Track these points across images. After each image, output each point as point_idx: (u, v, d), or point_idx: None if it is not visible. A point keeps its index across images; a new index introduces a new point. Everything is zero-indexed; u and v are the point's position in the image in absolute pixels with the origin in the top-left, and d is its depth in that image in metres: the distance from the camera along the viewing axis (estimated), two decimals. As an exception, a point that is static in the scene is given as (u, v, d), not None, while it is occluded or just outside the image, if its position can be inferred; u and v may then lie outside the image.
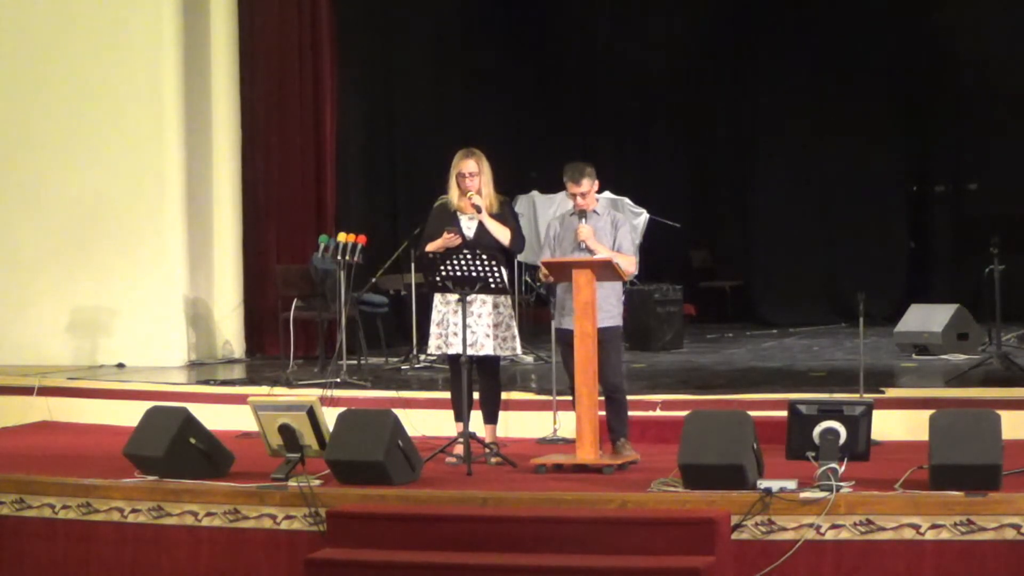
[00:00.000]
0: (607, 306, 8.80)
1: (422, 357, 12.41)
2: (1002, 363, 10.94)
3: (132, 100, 13.29)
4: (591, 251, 8.74)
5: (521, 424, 10.13)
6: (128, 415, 10.08)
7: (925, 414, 7.93)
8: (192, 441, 8.56)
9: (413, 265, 12.66)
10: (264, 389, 11.11)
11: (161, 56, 13.27)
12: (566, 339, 8.81)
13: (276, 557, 7.97)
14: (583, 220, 8.81)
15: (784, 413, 7.84)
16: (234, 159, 13.86)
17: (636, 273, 8.98)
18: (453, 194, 9.25)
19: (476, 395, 9.29)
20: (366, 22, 14.81)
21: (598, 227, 8.85)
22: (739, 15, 16.59)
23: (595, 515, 7.58)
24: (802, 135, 16.67)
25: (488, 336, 9.09)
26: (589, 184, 8.83)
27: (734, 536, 7.41)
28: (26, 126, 13.53)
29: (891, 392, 10.07)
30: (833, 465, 7.51)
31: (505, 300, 9.17)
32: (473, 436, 8.89)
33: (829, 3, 16.07)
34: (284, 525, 8.00)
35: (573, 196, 8.88)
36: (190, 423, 8.64)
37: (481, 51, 16.51)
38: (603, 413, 8.84)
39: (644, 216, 13.60)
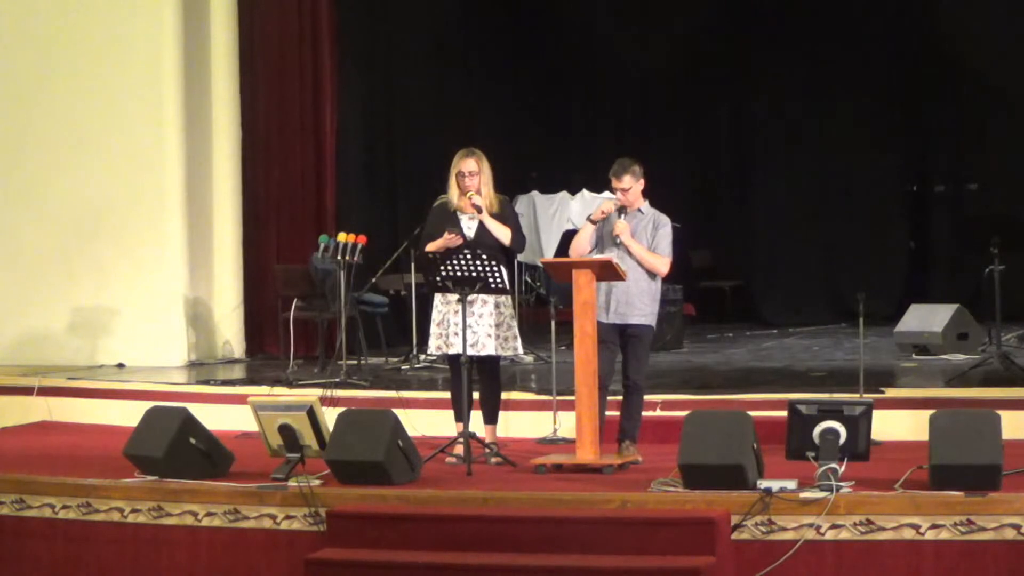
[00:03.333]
0: (640, 304, 8.85)
1: (422, 357, 12.41)
2: (1002, 363, 10.93)
3: (132, 100, 13.29)
4: (626, 247, 8.79)
5: (521, 424, 10.13)
6: (128, 415, 10.09)
7: (925, 414, 7.94)
8: (192, 441, 8.56)
9: (413, 265, 12.66)
10: (264, 389, 11.10)
11: (161, 56, 13.27)
12: (600, 334, 8.78)
13: (276, 557, 7.97)
14: (622, 216, 8.85)
15: (784, 413, 7.84)
16: (234, 159, 13.86)
17: (666, 274, 9.00)
18: (453, 194, 9.24)
19: (476, 395, 9.29)
20: (366, 22, 14.80)
21: (639, 226, 8.91)
22: (739, 15, 16.58)
23: (595, 515, 7.58)
24: (802, 135, 16.66)
25: (490, 336, 9.09)
26: (631, 181, 8.88)
27: (734, 536, 7.41)
28: (26, 126, 13.53)
29: (891, 392, 10.06)
30: (833, 465, 7.51)
31: (506, 300, 9.17)
32: (473, 436, 8.90)
33: (830, 3, 16.06)
34: (284, 525, 8.00)
35: (615, 191, 8.94)
36: (190, 423, 8.64)
37: (481, 51, 16.51)
38: (611, 413, 8.85)
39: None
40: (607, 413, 8.85)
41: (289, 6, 13.89)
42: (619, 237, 8.83)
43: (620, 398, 8.97)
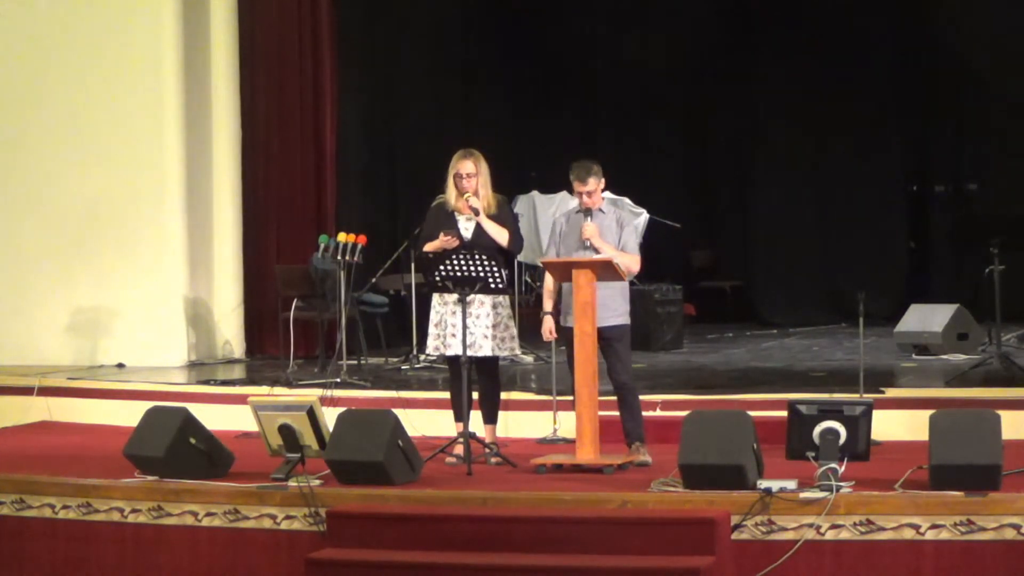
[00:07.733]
0: (613, 304, 8.81)
1: (422, 357, 12.41)
2: (1002, 363, 10.94)
3: (132, 100, 13.28)
4: (596, 249, 8.75)
5: (521, 424, 10.14)
6: (128, 415, 10.09)
7: (925, 414, 7.93)
8: (192, 441, 8.56)
9: (413, 265, 12.66)
10: (264, 389, 11.11)
11: (161, 56, 13.27)
12: (572, 337, 8.78)
13: (276, 557, 7.97)
14: (588, 218, 8.82)
15: (784, 413, 7.84)
16: (234, 159, 13.86)
17: (639, 272, 8.99)
18: (451, 194, 9.23)
19: (476, 395, 9.29)
20: (366, 22, 14.81)
21: (603, 225, 8.86)
22: (739, 15, 16.59)
23: (595, 515, 7.58)
24: (802, 135, 16.65)
25: (486, 337, 9.08)
26: (595, 183, 8.84)
27: (734, 536, 7.41)
28: (26, 126, 13.53)
29: (891, 392, 10.07)
30: (833, 465, 7.51)
31: (503, 300, 9.16)
32: (473, 436, 8.89)
33: (830, 3, 16.06)
34: (284, 525, 8.00)
35: (579, 194, 8.89)
36: (190, 423, 8.64)
37: (481, 51, 16.51)
38: (613, 413, 8.84)
39: (644, 216, 13.59)
40: (600, 413, 8.80)
41: (289, 6, 13.90)
42: (589, 241, 8.81)
43: (615, 399, 8.95)
